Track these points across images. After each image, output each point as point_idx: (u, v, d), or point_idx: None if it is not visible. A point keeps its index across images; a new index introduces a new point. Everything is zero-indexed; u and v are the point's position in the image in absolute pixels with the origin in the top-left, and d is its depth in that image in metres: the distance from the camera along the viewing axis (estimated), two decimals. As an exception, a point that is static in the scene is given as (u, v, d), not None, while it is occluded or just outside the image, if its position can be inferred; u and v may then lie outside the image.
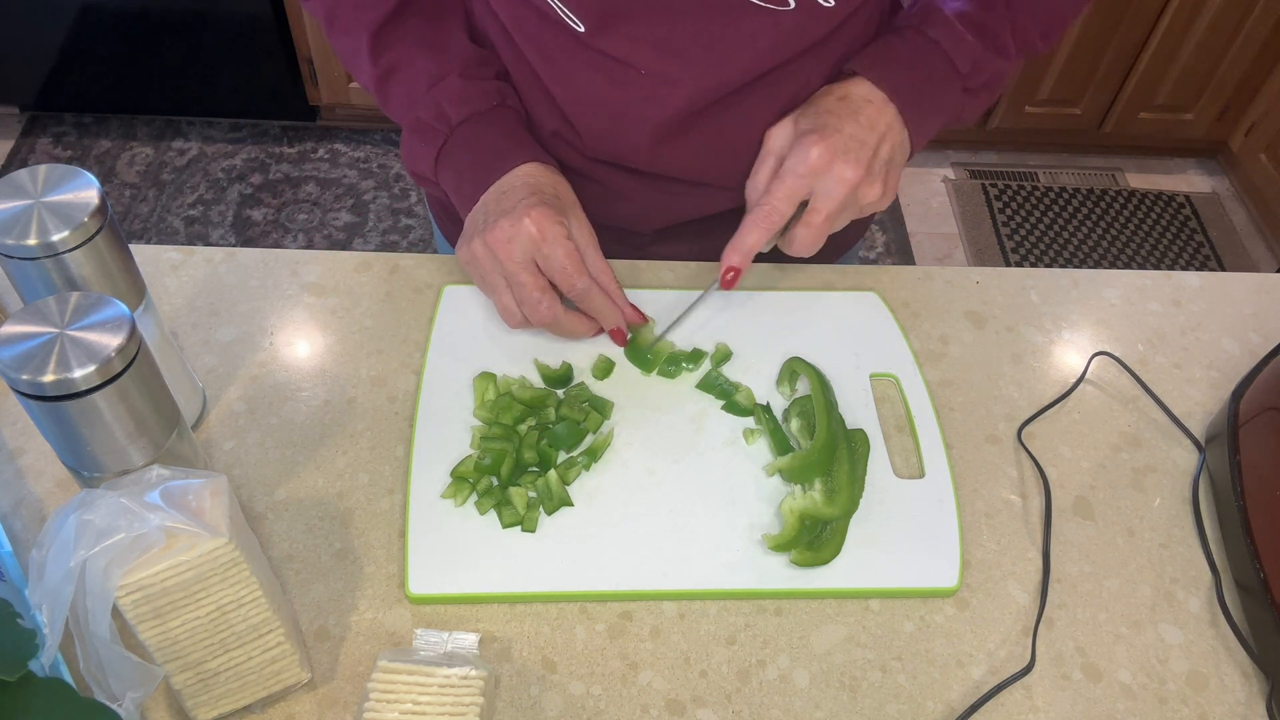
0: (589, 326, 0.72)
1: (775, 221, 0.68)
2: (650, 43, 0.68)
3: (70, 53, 2.26)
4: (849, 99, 0.69)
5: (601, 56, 0.69)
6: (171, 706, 0.56)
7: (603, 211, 0.79)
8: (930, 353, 0.77)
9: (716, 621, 0.61)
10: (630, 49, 0.68)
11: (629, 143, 0.74)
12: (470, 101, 0.72)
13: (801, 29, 0.69)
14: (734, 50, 0.68)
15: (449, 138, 0.72)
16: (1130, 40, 2.22)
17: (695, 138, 0.74)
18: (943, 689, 0.59)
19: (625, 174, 0.77)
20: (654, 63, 0.69)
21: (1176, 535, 0.67)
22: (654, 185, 0.78)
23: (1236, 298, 0.83)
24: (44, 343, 0.48)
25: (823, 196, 0.67)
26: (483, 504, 0.64)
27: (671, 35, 0.67)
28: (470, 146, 0.72)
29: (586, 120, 0.74)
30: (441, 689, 0.54)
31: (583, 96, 0.72)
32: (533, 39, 0.71)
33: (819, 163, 0.66)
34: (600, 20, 0.67)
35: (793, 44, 0.70)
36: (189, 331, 0.75)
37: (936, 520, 0.65)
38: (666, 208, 0.81)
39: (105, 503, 0.47)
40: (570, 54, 0.70)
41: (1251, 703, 0.60)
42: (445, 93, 0.71)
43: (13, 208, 0.54)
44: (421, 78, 0.72)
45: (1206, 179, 2.53)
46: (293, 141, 2.44)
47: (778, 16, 0.67)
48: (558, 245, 0.66)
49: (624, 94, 0.71)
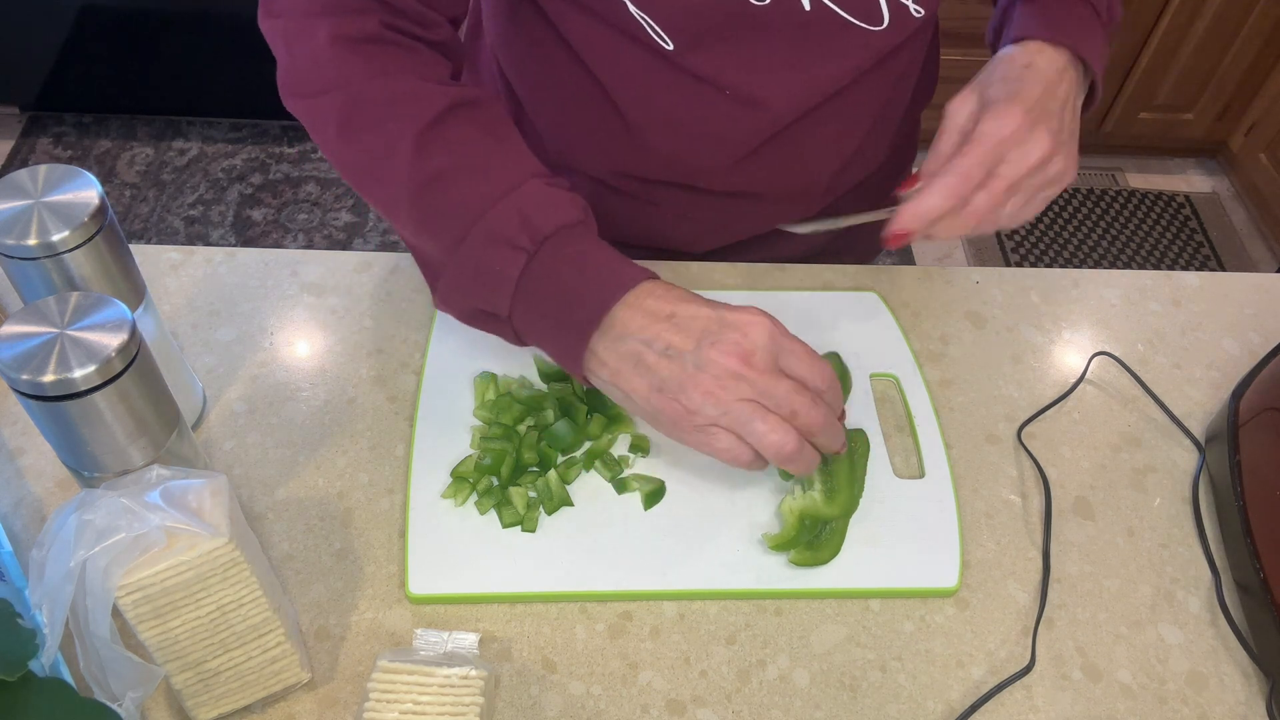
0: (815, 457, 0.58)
1: (966, 188, 0.61)
2: (738, 62, 0.66)
3: (70, 53, 2.26)
4: (1034, 67, 0.65)
5: (685, 76, 0.67)
6: (171, 706, 0.56)
7: (654, 233, 0.77)
8: (930, 353, 0.77)
9: (716, 621, 0.61)
10: (717, 67, 0.66)
11: (707, 163, 0.73)
12: (560, 210, 0.57)
13: (886, 43, 0.67)
14: (820, 70, 0.67)
15: (534, 255, 0.56)
16: (1130, 40, 2.22)
17: (773, 156, 0.73)
18: (943, 689, 0.59)
19: (690, 194, 0.76)
20: (740, 82, 0.67)
21: (1176, 535, 0.67)
22: (717, 204, 0.77)
23: (1236, 298, 0.83)
24: (44, 343, 0.48)
25: (1012, 164, 0.62)
26: (483, 504, 0.64)
27: (760, 54, 0.66)
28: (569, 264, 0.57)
29: (663, 141, 0.72)
30: (441, 689, 0.54)
31: (663, 117, 0.70)
32: (608, 58, 0.68)
33: (1019, 131, 0.61)
34: (692, 39, 0.65)
35: (875, 57, 0.68)
36: (189, 331, 0.75)
37: (936, 520, 0.65)
38: (724, 225, 0.80)
39: (105, 503, 0.47)
40: (651, 74, 0.68)
41: (1251, 703, 0.60)
42: (529, 199, 0.57)
43: (13, 208, 0.54)
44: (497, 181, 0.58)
45: (1206, 179, 2.52)
46: (293, 141, 2.44)
47: (869, 36, 0.66)
48: (789, 338, 0.56)
49: (706, 113, 0.69)
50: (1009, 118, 0.61)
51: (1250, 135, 2.36)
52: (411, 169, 0.58)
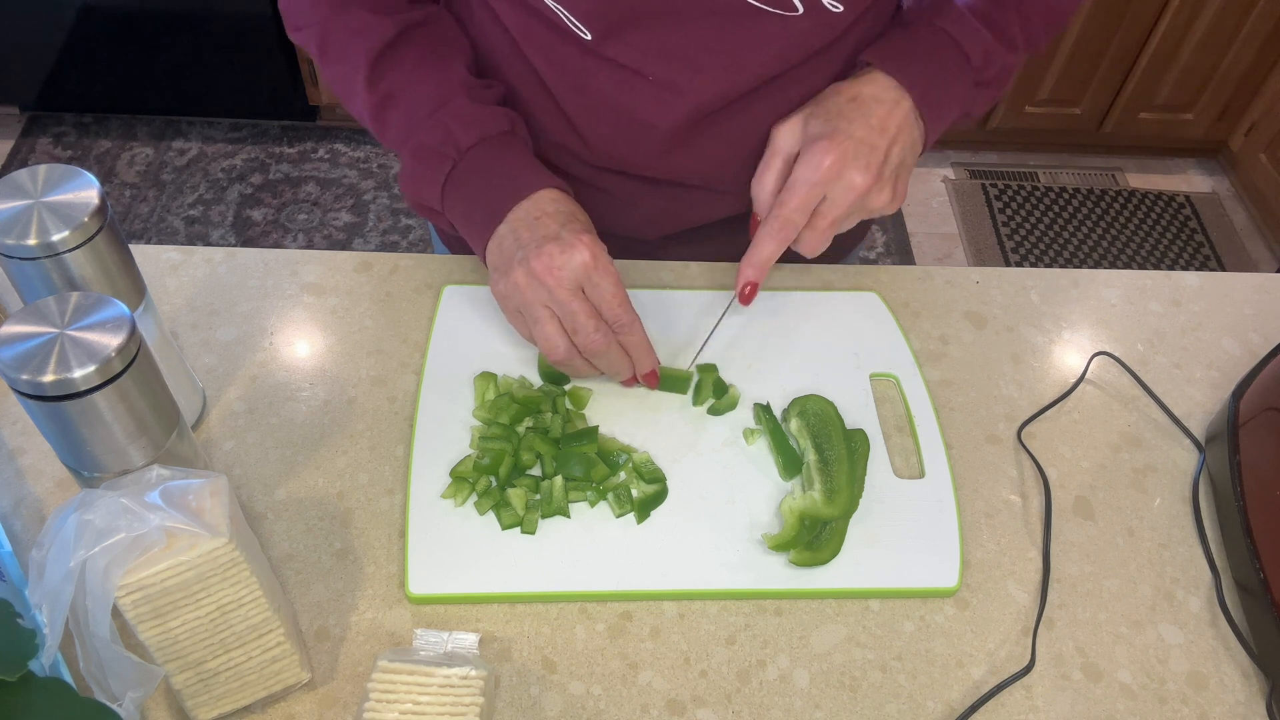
0: (629, 366, 0.68)
1: (790, 233, 0.67)
2: (658, 50, 0.67)
3: (70, 53, 2.26)
4: (859, 100, 0.68)
5: (610, 64, 0.69)
6: (171, 706, 0.56)
7: (609, 219, 0.79)
8: (930, 353, 0.77)
9: (716, 621, 0.61)
10: (638, 57, 0.68)
11: (638, 150, 0.74)
12: (480, 124, 0.68)
13: (810, 33, 0.68)
14: (742, 56, 0.68)
15: (458, 162, 0.68)
16: (1130, 40, 2.22)
17: (704, 143, 0.73)
18: (943, 689, 0.59)
19: (633, 181, 0.77)
20: (662, 70, 0.68)
21: (1176, 535, 0.67)
22: (662, 192, 0.78)
23: (1236, 298, 0.83)
24: (44, 343, 0.48)
25: (831, 203, 0.66)
26: (482, 504, 0.64)
27: (679, 43, 0.67)
28: (483, 171, 0.68)
29: (596, 128, 0.73)
30: (441, 689, 0.54)
31: (592, 104, 0.72)
32: (541, 48, 0.71)
33: (830, 171, 0.65)
34: (608, 29, 0.67)
35: (801, 48, 0.69)
36: (189, 331, 0.75)
37: (936, 520, 0.65)
38: (674, 213, 0.81)
39: (105, 503, 0.47)
40: (579, 62, 0.70)
41: (1251, 703, 0.60)
42: (452, 116, 0.68)
43: (13, 208, 0.54)
44: (424, 101, 0.69)
45: (1206, 179, 2.52)
46: (293, 141, 2.44)
47: (785, 22, 0.67)
48: (608, 274, 0.64)
49: (633, 101, 0.70)
50: (822, 159, 0.65)
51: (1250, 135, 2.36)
52: (366, 94, 0.71)
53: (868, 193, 0.66)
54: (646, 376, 0.69)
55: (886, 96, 0.68)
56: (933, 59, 0.70)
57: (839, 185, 0.66)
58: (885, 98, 0.68)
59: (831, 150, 0.65)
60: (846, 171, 0.65)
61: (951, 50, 0.70)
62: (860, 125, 0.67)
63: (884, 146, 0.67)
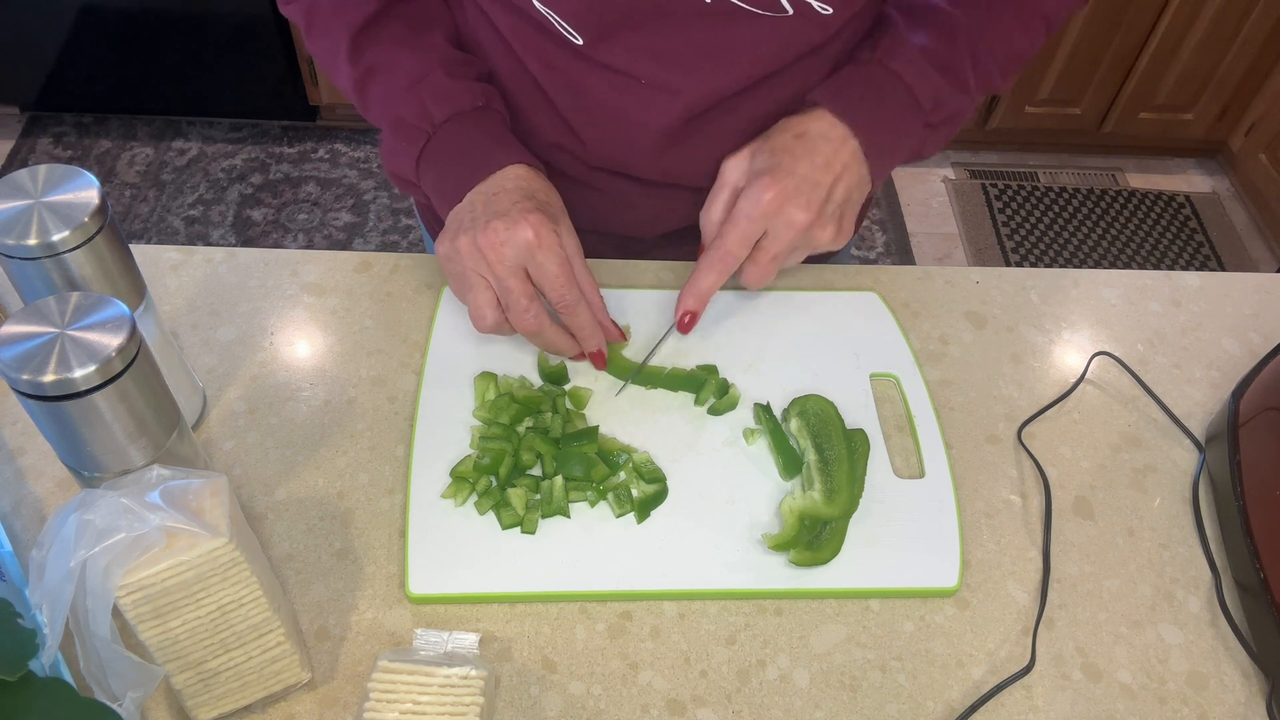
0: (572, 345, 0.69)
1: (730, 264, 0.68)
2: (649, 52, 0.68)
3: (70, 53, 2.26)
4: (806, 136, 0.68)
5: (602, 67, 0.69)
6: (171, 706, 0.56)
7: (605, 219, 0.79)
8: (930, 353, 0.77)
9: (716, 621, 0.61)
10: (629, 59, 0.68)
11: (632, 150, 0.74)
12: (455, 99, 0.69)
13: (799, 34, 0.68)
14: (733, 57, 0.68)
15: (432, 136, 0.69)
16: (1130, 40, 2.22)
17: (697, 143, 0.73)
18: (943, 689, 0.59)
19: (628, 182, 0.77)
20: (654, 72, 0.69)
21: (1176, 535, 0.67)
22: (656, 192, 0.78)
23: (1236, 298, 0.83)
24: (44, 343, 0.48)
25: (772, 238, 0.67)
26: (482, 504, 0.64)
27: (670, 45, 0.67)
28: (455, 145, 0.69)
29: (589, 129, 0.74)
30: (441, 689, 0.54)
31: (585, 106, 0.72)
32: (534, 49, 0.71)
33: (770, 207, 0.66)
34: (598, 32, 0.67)
35: (791, 49, 0.69)
36: (189, 331, 0.75)
37: (936, 520, 0.65)
38: (669, 213, 0.81)
39: (105, 503, 0.47)
40: (571, 65, 0.70)
41: (1251, 703, 0.60)
42: (429, 90, 0.69)
43: (13, 208, 0.54)
44: (403, 76, 0.70)
45: (1206, 179, 2.53)
46: (293, 141, 2.44)
47: (775, 23, 0.67)
48: (552, 254, 0.65)
49: (625, 103, 0.71)
50: (762, 195, 0.66)
51: (1250, 135, 2.36)
52: (349, 68, 0.72)
53: (808, 229, 0.67)
54: (593, 356, 0.70)
55: (833, 134, 0.68)
56: (881, 102, 0.70)
57: (779, 221, 0.66)
58: (832, 135, 0.68)
59: (772, 186, 0.66)
60: (787, 208, 0.66)
61: (901, 93, 0.70)
62: (804, 163, 0.67)
63: (827, 184, 0.67)
